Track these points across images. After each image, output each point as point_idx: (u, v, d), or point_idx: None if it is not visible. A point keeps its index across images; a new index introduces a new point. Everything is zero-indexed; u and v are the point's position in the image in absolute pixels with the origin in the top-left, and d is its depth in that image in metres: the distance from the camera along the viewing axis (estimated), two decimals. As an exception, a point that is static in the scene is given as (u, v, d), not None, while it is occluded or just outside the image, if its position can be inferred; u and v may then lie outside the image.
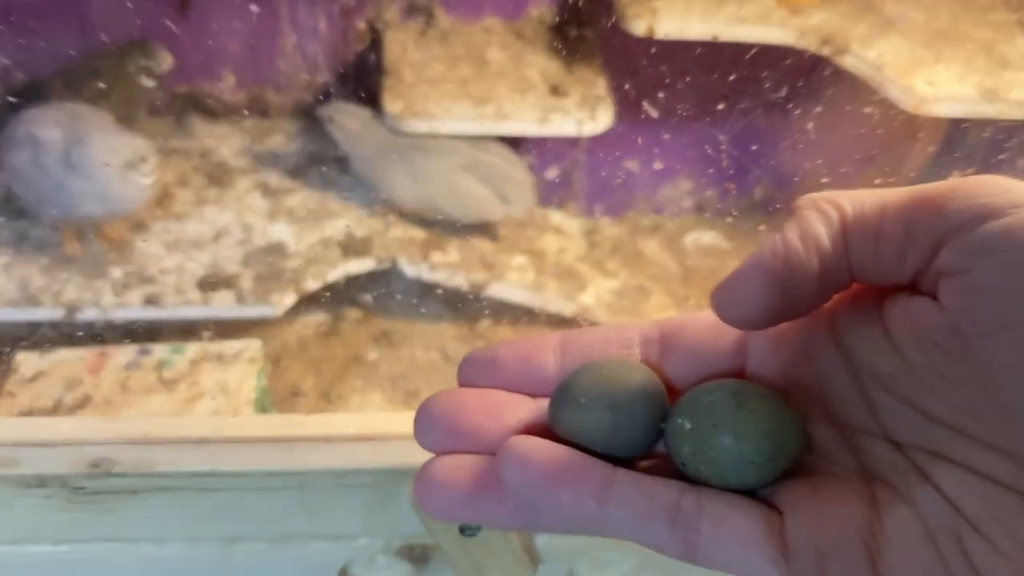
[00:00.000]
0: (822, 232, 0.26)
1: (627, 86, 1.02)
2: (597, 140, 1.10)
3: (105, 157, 0.86)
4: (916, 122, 0.94)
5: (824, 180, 0.92)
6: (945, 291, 0.25)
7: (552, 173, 1.17)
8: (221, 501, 0.41)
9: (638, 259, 1.13)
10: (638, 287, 1.09)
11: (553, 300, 1.04)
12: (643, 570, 0.45)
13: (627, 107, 1.02)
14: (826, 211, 0.27)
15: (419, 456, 0.41)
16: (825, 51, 0.91)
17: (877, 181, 0.97)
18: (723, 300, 0.27)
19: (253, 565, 0.43)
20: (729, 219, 1.20)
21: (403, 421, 0.42)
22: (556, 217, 1.16)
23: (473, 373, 0.31)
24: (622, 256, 1.13)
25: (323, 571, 0.44)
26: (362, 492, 0.41)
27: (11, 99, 0.96)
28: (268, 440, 0.41)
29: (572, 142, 1.13)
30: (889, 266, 0.26)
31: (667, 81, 1.01)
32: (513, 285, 1.03)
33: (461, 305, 1.07)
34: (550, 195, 1.17)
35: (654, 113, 1.03)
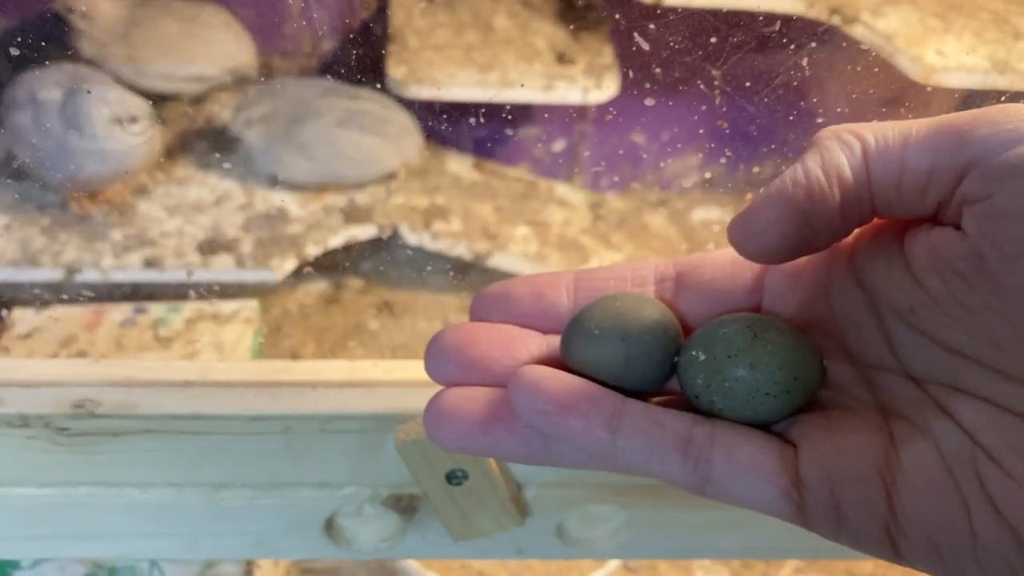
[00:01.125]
0: (844, 163, 0.26)
1: (634, 55, 1.01)
2: (603, 112, 1.09)
3: (96, 111, 0.85)
4: (930, 95, 0.93)
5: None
6: (969, 218, 0.24)
7: (558, 145, 1.16)
8: (206, 446, 0.41)
9: (643, 233, 1.13)
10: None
11: (556, 272, 1.03)
12: (633, 525, 0.44)
13: (634, 77, 1.01)
14: (848, 142, 0.26)
15: (406, 404, 0.40)
16: (835, 20, 0.90)
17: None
18: (742, 232, 0.27)
19: (239, 513, 0.43)
20: (737, 194, 1.19)
21: (390, 369, 0.42)
22: (561, 189, 1.15)
23: (485, 308, 0.31)
24: (627, 229, 1.12)
25: (310, 520, 0.43)
26: (348, 439, 0.40)
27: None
28: (253, 384, 0.40)
29: (578, 114, 1.12)
30: (912, 197, 0.26)
31: (675, 51, 0.99)
32: (516, 256, 1.03)
33: (464, 275, 1.07)
34: (555, 167, 1.17)
35: (662, 83, 1.02)
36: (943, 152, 0.25)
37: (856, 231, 0.28)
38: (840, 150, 0.26)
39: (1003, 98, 0.88)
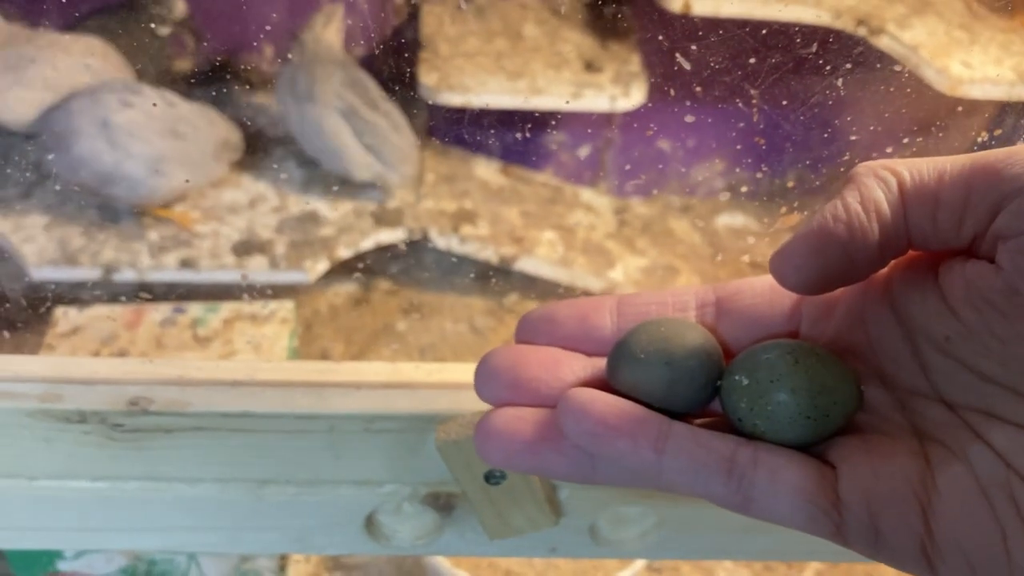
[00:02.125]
0: (882, 198, 0.27)
1: (661, 64, 1.02)
2: (630, 118, 1.10)
3: (204, 131, 0.89)
4: (962, 106, 0.93)
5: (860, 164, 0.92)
6: (1003, 253, 0.25)
7: (584, 151, 1.17)
8: (253, 443, 0.42)
9: (668, 238, 1.14)
10: (667, 266, 1.10)
11: (581, 276, 1.05)
12: (663, 527, 0.46)
13: (661, 85, 1.02)
14: (885, 177, 0.27)
15: (446, 405, 0.42)
16: (861, 31, 0.90)
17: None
18: (783, 265, 0.28)
19: (283, 508, 0.44)
20: (762, 202, 1.20)
21: (431, 371, 0.43)
22: (587, 194, 1.16)
23: (531, 331, 0.32)
24: (652, 235, 1.13)
25: (350, 517, 0.45)
26: (390, 438, 0.42)
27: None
28: (300, 384, 0.42)
29: (605, 120, 1.13)
30: (947, 231, 0.27)
31: (702, 60, 1.00)
32: (542, 260, 1.04)
33: (490, 279, 1.08)
34: (581, 173, 1.18)
35: (688, 92, 1.03)
36: (978, 188, 0.26)
37: (892, 262, 0.29)
38: (877, 186, 0.27)
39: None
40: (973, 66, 0.87)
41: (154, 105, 0.90)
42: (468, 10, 1.06)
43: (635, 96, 0.99)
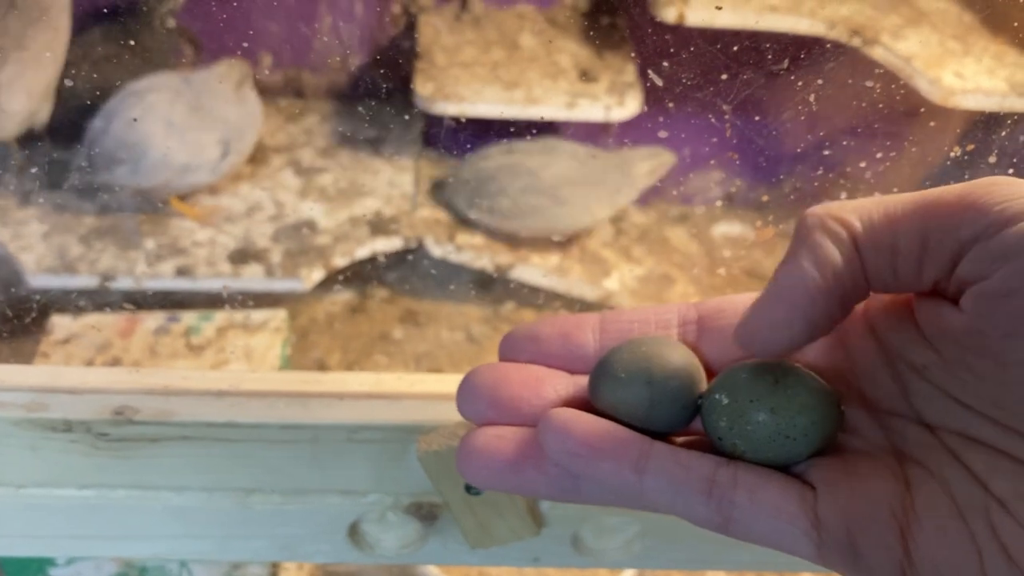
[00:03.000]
0: (835, 254, 0.27)
1: (656, 73, 1.03)
2: (626, 127, 1.10)
3: (219, 80, 0.90)
4: (957, 118, 0.94)
5: (853, 173, 0.92)
6: (967, 298, 0.25)
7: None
8: (238, 452, 0.42)
9: (664, 247, 1.14)
10: (663, 275, 1.10)
11: (577, 285, 1.05)
12: (646, 536, 0.46)
13: (656, 95, 1.03)
14: (835, 230, 0.27)
15: (428, 416, 0.42)
16: (855, 42, 0.91)
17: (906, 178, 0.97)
18: (748, 336, 0.28)
19: (268, 517, 0.45)
20: (757, 211, 1.20)
21: (414, 382, 0.44)
22: (584, 203, 1.17)
23: (514, 349, 0.32)
24: (648, 244, 1.14)
25: (335, 525, 0.45)
26: (373, 448, 0.42)
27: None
28: (284, 394, 0.42)
29: (602, 129, 1.13)
30: (907, 278, 0.27)
31: (696, 70, 1.01)
32: (537, 268, 1.04)
33: (486, 287, 1.08)
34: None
35: (682, 101, 1.03)
36: (934, 236, 0.26)
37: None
38: (831, 244, 0.27)
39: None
40: (966, 77, 0.88)
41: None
42: (465, 20, 1.07)
43: (630, 106, 0.99)
